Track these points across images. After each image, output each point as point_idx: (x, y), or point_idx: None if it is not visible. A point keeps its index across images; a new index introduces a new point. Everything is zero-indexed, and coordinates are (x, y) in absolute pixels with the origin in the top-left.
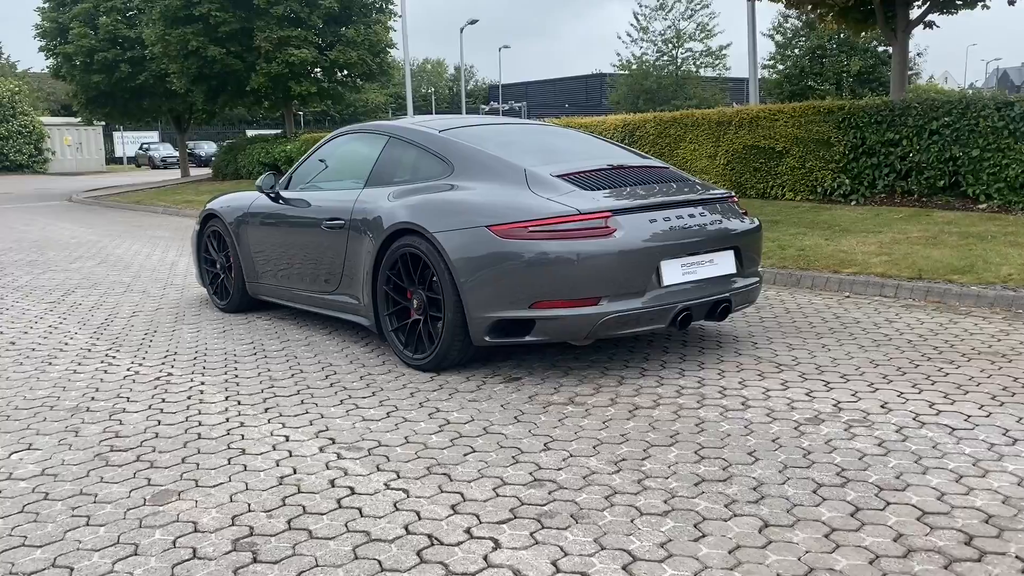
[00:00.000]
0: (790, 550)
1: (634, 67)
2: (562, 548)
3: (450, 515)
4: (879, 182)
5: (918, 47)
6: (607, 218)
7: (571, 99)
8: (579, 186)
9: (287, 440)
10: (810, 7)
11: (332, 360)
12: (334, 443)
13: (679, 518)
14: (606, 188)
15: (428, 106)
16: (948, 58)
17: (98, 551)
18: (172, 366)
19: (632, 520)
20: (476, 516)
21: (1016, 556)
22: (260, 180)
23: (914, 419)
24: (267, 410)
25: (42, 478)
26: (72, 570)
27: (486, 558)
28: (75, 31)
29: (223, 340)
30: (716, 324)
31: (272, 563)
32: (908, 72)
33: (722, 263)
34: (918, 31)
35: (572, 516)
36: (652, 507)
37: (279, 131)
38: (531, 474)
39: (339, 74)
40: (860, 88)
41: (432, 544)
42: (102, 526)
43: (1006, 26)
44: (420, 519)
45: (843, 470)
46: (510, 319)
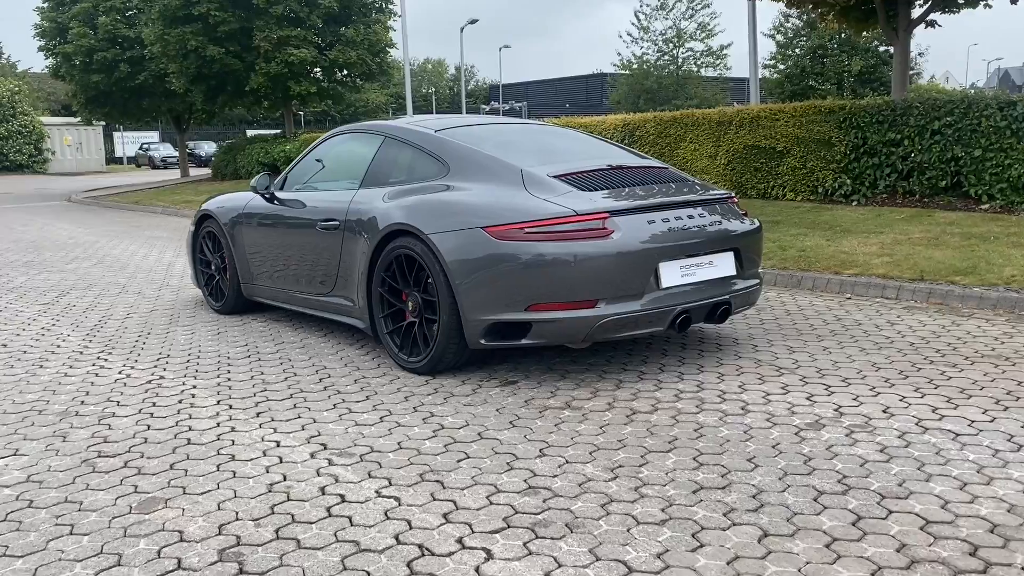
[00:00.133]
0: (790, 561)
1: (635, 67)
2: (556, 559)
3: (442, 524)
4: (880, 182)
5: (919, 47)
6: (604, 219)
7: (572, 99)
8: (576, 187)
9: (278, 446)
10: (811, 6)
11: (326, 363)
12: (326, 448)
13: (677, 527)
14: (604, 189)
15: (428, 106)
16: (949, 58)
17: (80, 561)
18: (164, 369)
19: (628, 529)
20: (468, 525)
21: (1022, 568)
22: (255, 180)
23: (917, 424)
24: (259, 414)
25: (27, 485)
26: None
27: (478, 569)
28: (74, 31)
29: (217, 342)
30: (716, 327)
31: (258, 574)
32: (909, 72)
33: (722, 265)
34: (919, 31)
35: (567, 525)
36: (649, 516)
37: (279, 131)
38: (526, 481)
39: (339, 74)
40: (861, 88)
41: (423, 555)
42: (86, 535)
43: (1007, 26)
44: (411, 528)
45: (844, 477)
46: (506, 322)
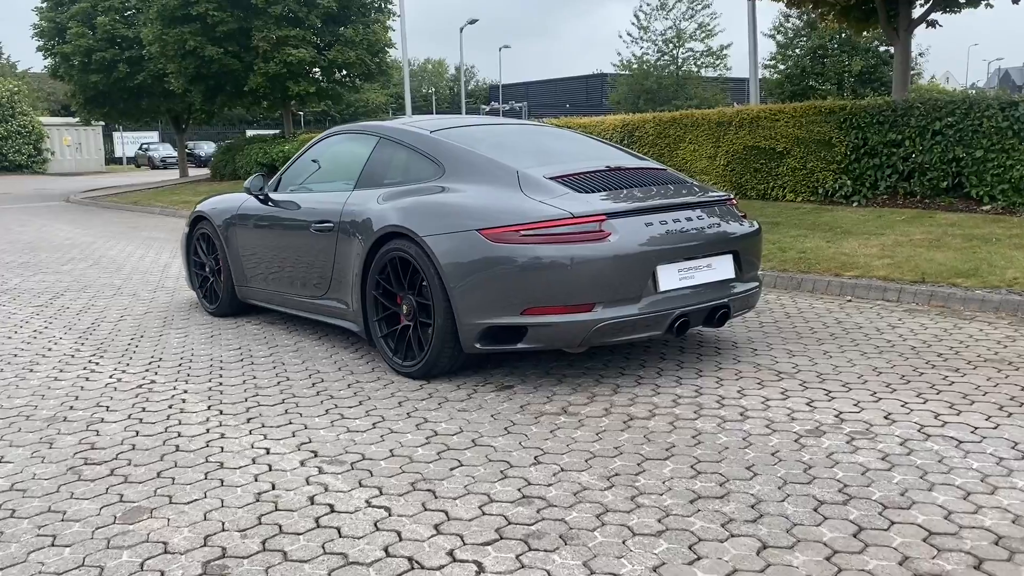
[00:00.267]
0: (790, 574)
1: (635, 67)
2: (549, 572)
3: (433, 536)
4: (881, 183)
5: (920, 47)
6: (601, 221)
7: (572, 99)
8: (573, 188)
9: (267, 453)
10: (811, 6)
11: (320, 367)
12: (316, 456)
13: (673, 539)
14: (601, 190)
15: (429, 106)
16: (949, 58)
17: (61, 574)
18: (156, 373)
19: (624, 541)
20: (460, 537)
21: None
22: (248, 182)
23: (919, 431)
24: (249, 420)
25: (10, 494)
26: None
27: None
28: (73, 31)
29: (210, 346)
30: (714, 330)
31: None
32: (910, 72)
33: (720, 268)
34: (919, 31)
35: (561, 536)
36: (645, 527)
37: (278, 131)
38: (519, 490)
39: (338, 74)
40: (862, 88)
41: (412, 568)
42: (68, 547)
43: (1008, 26)
44: (401, 540)
45: (845, 486)
46: (501, 326)
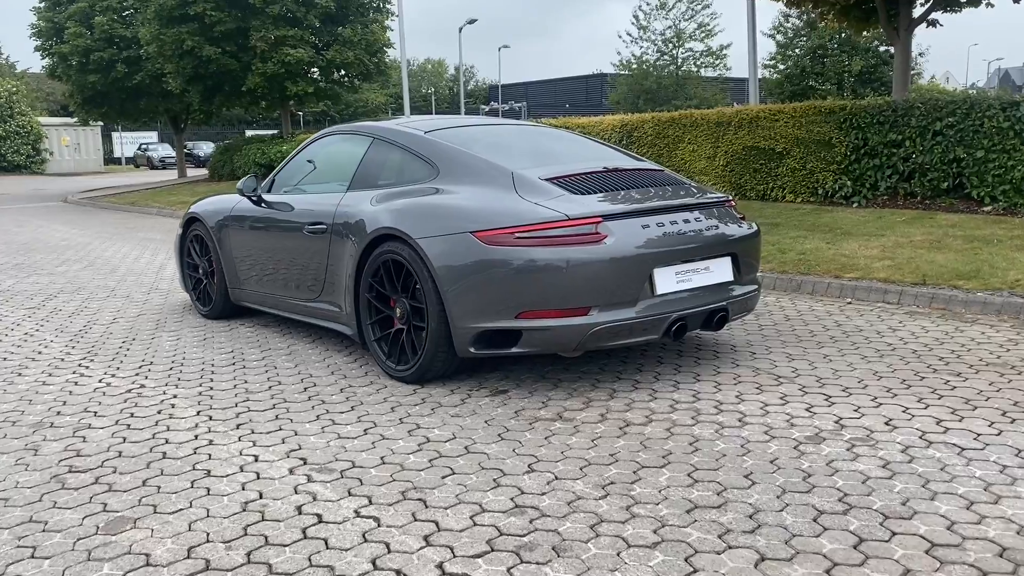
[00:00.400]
0: None
1: (634, 67)
2: None
3: (422, 547)
4: (881, 184)
5: (920, 47)
6: (598, 223)
7: (571, 99)
8: (569, 190)
9: (256, 460)
10: (811, 6)
11: (312, 371)
12: (305, 464)
13: (669, 550)
14: (597, 192)
15: (428, 106)
16: (949, 58)
17: None
18: (146, 377)
19: (618, 553)
20: (450, 548)
21: None
22: (241, 183)
23: (920, 437)
24: (239, 426)
25: None
26: None
27: None
28: (71, 31)
29: (202, 349)
30: (713, 334)
31: None
32: (910, 72)
33: (718, 270)
34: (919, 30)
35: (554, 548)
36: (640, 538)
37: (276, 131)
38: (512, 499)
39: (336, 74)
40: (862, 88)
41: None
42: (47, 559)
43: (1008, 26)
44: (390, 552)
45: (845, 495)
46: (496, 330)
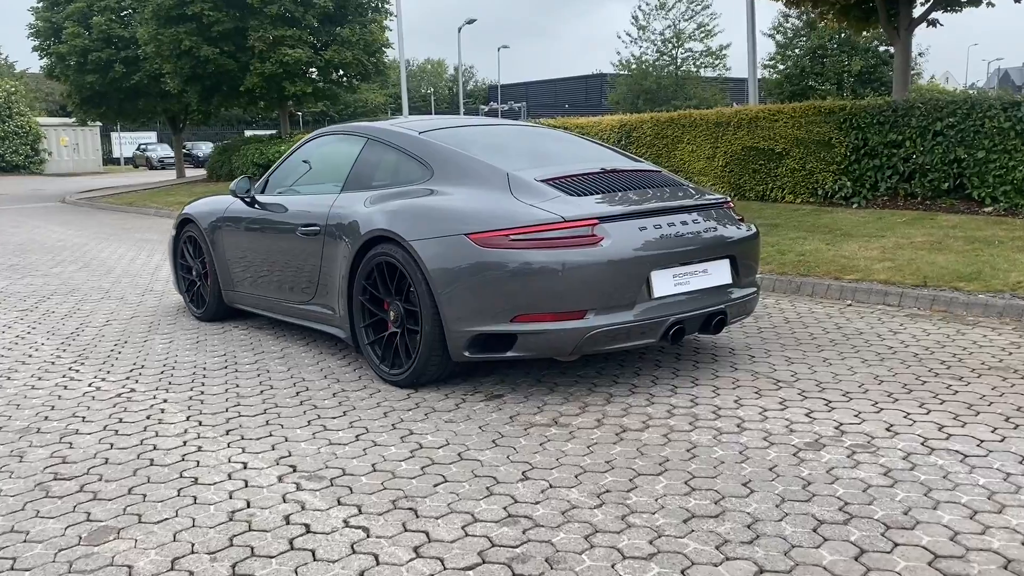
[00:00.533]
0: None
1: (634, 67)
2: None
3: (412, 559)
4: (881, 184)
5: (920, 47)
6: (594, 226)
7: (571, 99)
8: (565, 191)
9: (244, 468)
10: (810, 5)
11: (305, 375)
12: (295, 471)
13: (665, 562)
14: (594, 194)
15: (427, 106)
16: (949, 58)
17: None
18: (136, 381)
19: (613, 565)
20: (440, 561)
21: None
22: (235, 184)
23: (922, 444)
24: (228, 432)
25: None
26: None
27: None
28: (69, 31)
29: (194, 352)
30: (711, 337)
31: None
32: (910, 72)
33: (717, 273)
34: (919, 30)
35: (547, 560)
36: (636, 549)
37: (275, 132)
38: (505, 509)
39: (334, 74)
40: (861, 88)
41: None
42: (27, 571)
43: (1008, 26)
44: (378, 564)
45: (846, 504)
46: (491, 333)
